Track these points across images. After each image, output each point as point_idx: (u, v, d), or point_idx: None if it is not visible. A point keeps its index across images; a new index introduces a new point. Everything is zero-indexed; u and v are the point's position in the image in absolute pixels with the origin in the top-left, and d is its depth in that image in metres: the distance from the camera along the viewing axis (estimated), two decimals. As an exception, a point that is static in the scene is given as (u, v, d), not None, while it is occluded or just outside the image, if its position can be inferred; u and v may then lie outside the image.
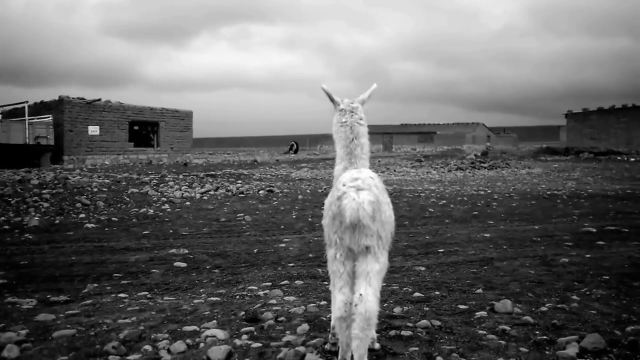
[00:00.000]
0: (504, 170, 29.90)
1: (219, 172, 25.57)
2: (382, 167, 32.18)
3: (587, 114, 53.20)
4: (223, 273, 6.99)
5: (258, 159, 41.99)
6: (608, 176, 25.26)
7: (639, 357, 3.88)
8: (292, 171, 28.59)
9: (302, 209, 13.47)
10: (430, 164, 34.26)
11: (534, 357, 3.94)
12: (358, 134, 4.08)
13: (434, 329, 4.55)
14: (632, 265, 6.93)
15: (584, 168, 31.45)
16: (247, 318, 4.85)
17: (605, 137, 50.75)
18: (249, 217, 11.97)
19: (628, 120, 48.88)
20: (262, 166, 33.37)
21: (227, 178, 22.66)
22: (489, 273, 6.70)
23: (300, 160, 41.26)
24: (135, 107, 40.23)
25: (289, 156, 50.51)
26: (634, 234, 9.37)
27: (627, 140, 48.49)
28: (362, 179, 3.54)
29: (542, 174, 26.71)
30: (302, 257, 7.92)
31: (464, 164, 32.41)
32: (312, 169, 30.27)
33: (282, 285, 6.23)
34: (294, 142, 65.25)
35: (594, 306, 5.17)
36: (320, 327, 4.61)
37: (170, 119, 42.69)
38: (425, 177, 25.11)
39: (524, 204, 14.47)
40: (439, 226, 10.72)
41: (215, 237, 9.71)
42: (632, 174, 26.46)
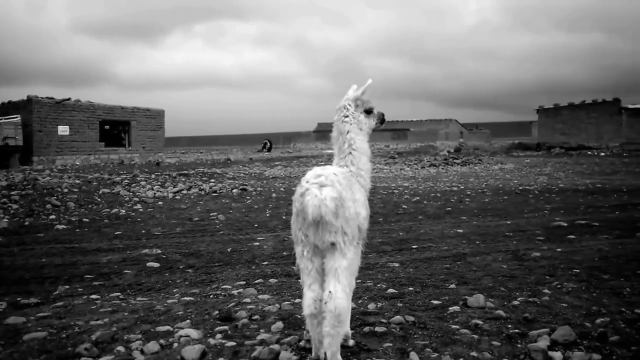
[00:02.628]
0: (477, 166, 30.21)
1: (192, 171, 25.37)
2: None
3: (558, 110, 54.06)
4: (196, 272, 6.94)
5: (231, 158, 41.77)
6: (579, 171, 25.69)
7: (608, 348, 3.95)
8: (266, 169, 28.50)
9: (276, 207, 13.44)
10: (404, 160, 34.46)
11: (506, 350, 3.98)
12: (343, 131, 4.14)
13: (408, 325, 4.56)
14: (602, 259, 7.05)
15: (555, 163, 31.94)
16: (221, 317, 4.82)
17: (576, 132, 51.63)
18: (223, 216, 11.90)
19: (598, 115, 49.79)
20: (235, 165, 33.21)
21: (200, 177, 22.50)
22: (462, 268, 6.76)
23: (273, 158, 41.17)
24: (105, 107, 39.69)
25: (263, 154, 50.36)
26: (604, 228, 9.53)
27: (598, 135, 49.40)
28: (326, 176, 3.55)
29: (514, 170, 27.05)
30: (276, 255, 7.90)
31: (437, 161, 32.67)
32: (286, 167, 30.22)
33: (256, 283, 6.20)
34: (267, 140, 65.03)
35: (564, 299, 5.24)
36: (295, 325, 4.60)
37: (141, 118, 42.22)
38: (399, 174, 25.25)
39: (496, 199, 14.63)
40: (412, 222, 10.78)
41: (189, 236, 9.63)
42: (602, 169, 26.95)
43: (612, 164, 30.89)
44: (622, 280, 5.92)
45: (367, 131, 4.25)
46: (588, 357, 3.81)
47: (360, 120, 4.20)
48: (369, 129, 4.27)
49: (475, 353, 3.91)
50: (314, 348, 3.72)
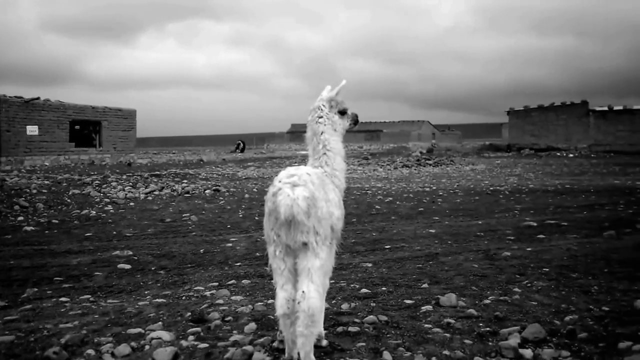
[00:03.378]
0: (449, 167, 30.50)
1: (164, 172, 25.13)
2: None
3: (528, 111, 54.87)
4: (169, 274, 6.87)
5: (204, 158, 41.49)
6: (548, 172, 26.11)
7: (577, 345, 4.02)
8: (239, 170, 28.38)
9: (249, 207, 13.39)
10: (377, 161, 34.62)
11: (478, 348, 4.02)
12: (317, 132, 4.16)
13: (381, 324, 4.59)
14: (570, 258, 7.18)
15: (525, 164, 32.42)
16: (193, 319, 4.78)
17: (545, 133, 52.47)
18: (195, 217, 11.81)
19: (567, 117, 50.65)
20: (208, 165, 32.99)
21: (173, 178, 22.30)
22: (434, 268, 6.82)
23: (246, 159, 41.02)
24: (76, 106, 39.06)
25: (236, 155, 50.13)
26: (572, 228, 9.70)
27: (566, 137, 50.26)
28: (299, 175, 3.57)
29: (485, 170, 27.38)
30: (249, 256, 7.87)
31: (409, 162, 32.90)
32: (259, 168, 30.14)
33: (229, 284, 6.17)
34: (240, 141, 64.76)
35: (534, 298, 5.32)
36: (268, 326, 4.58)
37: (113, 118, 41.68)
38: (372, 175, 25.36)
39: (468, 199, 14.79)
40: (385, 223, 10.84)
41: (161, 237, 9.53)
42: (570, 170, 27.43)
43: (580, 165, 31.48)
44: (590, 279, 6.03)
45: (341, 132, 4.27)
46: (557, 354, 3.88)
47: (335, 121, 4.21)
48: (343, 129, 4.28)
49: (447, 351, 3.95)
50: (287, 348, 3.71)
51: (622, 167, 28.95)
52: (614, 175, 23.68)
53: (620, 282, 5.83)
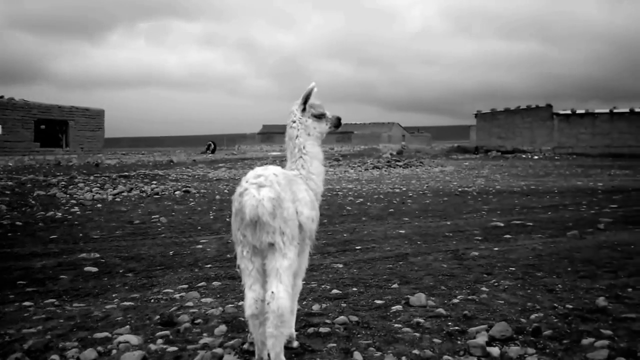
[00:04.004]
0: (418, 168, 30.79)
1: (133, 173, 24.82)
2: (300, 166, 32.30)
3: (495, 114, 55.73)
4: (137, 277, 6.79)
5: (174, 159, 41.08)
6: (514, 173, 26.54)
7: (542, 343, 4.11)
8: (210, 171, 28.19)
9: (220, 209, 13.32)
10: (348, 163, 34.76)
11: (447, 347, 4.08)
12: (292, 136, 4.22)
13: (352, 325, 4.62)
14: (536, 257, 7.32)
15: (492, 166, 32.91)
16: (162, 322, 4.73)
17: (511, 136, 53.34)
18: (165, 218, 11.69)
19: (532, 120, 51.61)
20: (178, 166, 32.69)
21: (142, 179, 22.04)
22: (404, 268, 6.88)
23: (217, 160, 40.76)
24: (42, 105, 38.37)
25: (206, 156, 49.74)
26: (537, 228, 9.89)
27: (531, 139, 51.18)
28: (265, 176, 3.58)
29: (454, 172, 27.71)
30: (219, 257, 7.82)
31: (380, 163, 33.10)
32: (230, 169, 29.97)
33: (199, 287, 6.13)
34: (211, 142, 64.27)
35: (501, 296, 5.42)
36: (239, 328, 4.57)
37: (80, 118, 41.04)
38: (343, 176, 25.46)
39: (437, 200, 14.95)
40: (356, 224, 10.89)
41: (129, 239, 9.41)
42: (535, 171, 27.94)
43: (545, 166, 32.11)
44: (555, 277, 6.17)
45: (317, 135, 4.28)
46: (523, 351, 3.95)
47: (308, 125, 4.22)
48: (319, 133, 4.30)
49: (417, 351, 3.99)
50: (257, 350, 3.71)
51: (584, 168, 29.63)
52: (577, 176, 24.21)
53: (583, 281, 5.98)
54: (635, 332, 4.29)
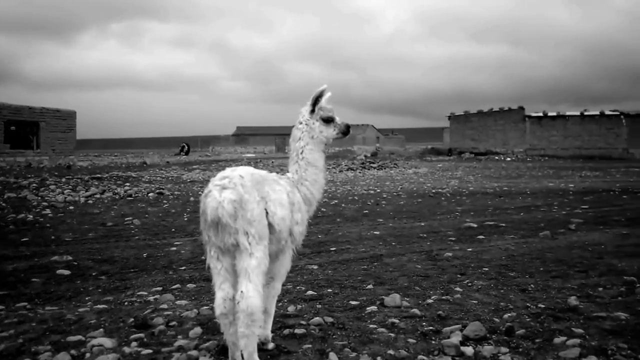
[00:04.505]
0: (393, 170, 30.94)
1: (106, 175, 24.50)
2: (275, 168, 32.25)
3: (468, 116, 56.34)
4: (110, 279, 6.71)
5: (147, 161, 40.64)
6: (487, 175, 26.85)
7: (515, 342, 4.17)
8: (184, 173, 27.96)
9: (194, 211, 13.21)
10: (322, 164, 34.71)
11: (421, 347, 4.12)
12: (294, 138, 4.25)
13: (327, 326, 4.63)
14: (508, 257, 7.43)
15: (465, 167, 33.23)
16: (136, 324, 4.70)
17: (484, 138, 53.98)
18: (138, 220, 11.57)
19: (504, 122, 52.28)
20: (151, 168, 32.36)
21: (115, 181, 21.77)
22: (378, 269, 6.92)
23: (191, 162, 40.44)
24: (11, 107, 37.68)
25: (180, 158, 49.31)
26: (510, 228, 10.03)
27: (504, 141, 51.84)
28: (230, 178, 3.60)
29: (428, 174, 27.92)
30: (194, 259, 7.77)
31: (354, 165, 33.19)
32: (204, 171, 29.76)
33: (174, 289, 6.09)
34: (185, 143, 63.73)
35: (475, 296, 5.49)
36: (214, 330, 4.55)
37: (51, 119, 40.40)
38: (318, 178, 25.43)
39: (411, 202, 15.05)
40: (331, 225, 10.91)
41: (102, 242, 9.30)
42: (508, 173, 28.30)
43: (517, 168, 32.55)
44: (527, 277, 6.26)
45: (321, 140, 4.23)
46: (497, 350, 4.01)
47: (314, 128, 4.19)
48: (325, 138, 4.23)
49: (392, 351, 4.02)
50: (230, 350, 3.70)
51: (555, 170, 30.10)
52: (548, 178, 24.59)
53: (555, 280, 6.08)
54: (606, 330, 4.38)
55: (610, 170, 29.27)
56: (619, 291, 5.58)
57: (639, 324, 4.49)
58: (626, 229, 9.63)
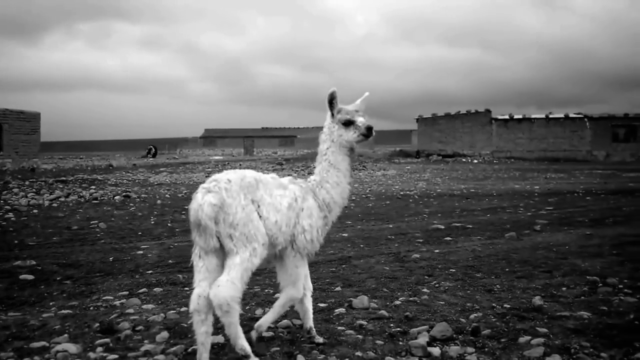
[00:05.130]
0: (361, 172, 31.07)
1: (71, 178, 24.10)
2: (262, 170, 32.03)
3: (436, 119, 56.96)
4: (75, 284, 6.60)
5: (114, 164, 40.06)
6: (454, 177, 27.17)
7: (481, 342, 4.24)
8: (151, 176, 27.65)
9: (162, 214, 13.09)
10: (292, 167, 34.75)
11: (389, 348, 4.15)
12: (320, 141, 4.33)
13: (295, 328, 4.64)
14: (475, 258, 7.53)
15: (433, 169, 33.58)
16: (102, 329, 4.63)
17: (452, 140, 54.63)
18: (104, 224, 11.40)
19: (472, 124, 52.98)
20: (118, 171, 31.91)
21: (80, 184, 21.42)
22: (347, 271, 6.94)
23: (158, 164, 40.00)
24: (-28, 108, 36.74)
25: (147, 160, 48.76)
26: (477, 230, 10.17)
27: (471, 144, 52.52)
28: (218, 181, 3.70)
29: (396, 176, 28.13)
30: (161, 263, 7.69)
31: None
32: (172, 174, 29.49)
33: (140, 293, 6.01)
34: (152, 146, 63.05)
35: (442, 297, 5.55)
36: (181, 334, 4.52)
37: (14, 121, 39.52)
38: (287, 180, 25.38)
39: (379, 204, 15.15)
40: (300, 228, 10.88)
41: (67, 246, 9.13)
42: (475, 175, 28.69)
43: (484, 170, 33.01)
44: (493, 278, 6.36)
45: (341, 143, 4.20)
46: (463, 350, 4.07)
47: (334, 131, 4.20)
48: (345, 141, 4.19)
49: (360, 353, 4.05)
50: (198, 352, 3.69)
51: (521, 172, 30.62)
52: (514, 180, 25.00)
53: (520, 281, 6.19)
54: (569, 329, 4.48)
55: (574, 172, 29.91)
56: (582, 291, 5.71)
57: (601, 323, 4.60)
58: (589, 230, 9.85)
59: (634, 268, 6.66)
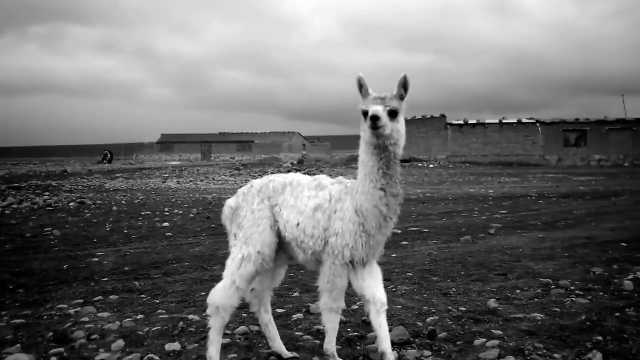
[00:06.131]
0: (320, 177, 31.10)
1: (24, 184, 23.48)
2: (201, 176, 31.82)
3: (393, 124, 57.46)
4: (29, 293, 6.44)
5: (69, 170, 39.16)
6: (411, 181, 27.47)
7: (438, 345, 4.31)
8: (106, 182, 27.16)
9: (118, 220, 12.87)
10: (249, 172, 34.63)
11: (347, 353, 4.19)
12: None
13: (253, 335, 4.64)
14: (432, 262, 7.64)
15: (391, 174, 33.79)
16: (56, 339, 4.54)
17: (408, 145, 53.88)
18: (58, 231, 11.14)
19: (427, 129, 53.66)
20: (73, 177, 31.23)
21: (34, 190, 20.90)
22: (305, 277, 6.95)
23: (115, 170, 39.30)
24: None
25: (103, 166, 47.87)
26: (433, 234, 10.31)
27: (427, 148, 53.20)
28: (250, 186, 4.08)
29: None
30: (117, 271, 7.57)
31: (281, 172, 33.14)
32: (128, 180, 29.02)
33: (96, 301, 5.91)
34: (107, 151, 61.95)
35: (399, 301, 5.61)
36: (137, 342, 4.46)
37: (-38, 126, 38.20)
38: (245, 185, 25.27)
39: (338, 209, 15.17)
40: (258, 233, 10.86)
41: (20, 254, 8.90)
42: (431, 179, 29.09)
43: (440, 175, 33.50)
44: (450, 282, 6.46)
45: (365, 139, 3.50)
46: (420, 354, 4.13)
47: (361, 127, 3.55)
48: (367, 136, 3.46)
49: (317, 358, 4.07)
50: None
51: (476, 176, 31.18)
52: (470, 184, 25.43)
53: (475, 284, 6.31)
54: (523, 331, 4.59)
55: (527, 176, 30.59)
56: (536, 293, 5.85)
57: (554, 325, 4.73)
58: (542, 233, 10.10)
59: (585, 270, 6.86)
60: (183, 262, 8.04)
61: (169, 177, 30.36)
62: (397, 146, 3.53)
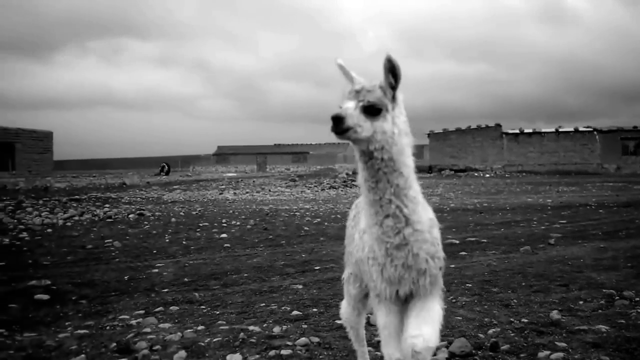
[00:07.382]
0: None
1: (84, 196, 24.26)
2: (257, 187, 32.18)
3: (447, 134, 56.95)
4: (91, 303, 6.61)
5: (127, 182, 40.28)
6: (467, 191, 27.05)
7: (500, 357, 4.19)
8: (164, 193, 27.78)
9: (176, 232, 13.12)
10: (304, 183, 34.77)
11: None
12: None
13: (313, 346, 4.61)
14: (491, 273, 7.47)
15: (446, 184, 33.47)
16: (119, 349, 4.62)
17: (463, 155, 54.53)
18: (118, 242, 11.44)
19: (482, 139, 52.93)
20: (131, 189, 32.09)
21: (94, 202, 21.55)
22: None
23: (172, 182, 40.20)
24: (-14, 128, 37.19)
25: (160, 178, 49.02)
26: (491, 244, 10.09)
27: (482, 158, 52.41)
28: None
29: (408, 191, 28.00)
30: (176, 282, 7.69)
31: (336, 183, 33.20)
32: (185, 191, 29.61)
33: (157, 312, 6.01)
34: (165, 163, 63.42)
35: (459, 313, 5.50)
36: (199, 353, 4.50)
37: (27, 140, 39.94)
38: (300, 197, 25.45)
39: (392, 219, 15.06)
40: (314, 244, 10.89)
41: (82, 265, 9.17)
42: (487, 189, 28.56)
43: (496, 184, 32.87)
44: (510, 292, 6.30)
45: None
46: (483, 367, 4.02)
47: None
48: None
49: (378, 370, 4.01)
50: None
51: (533, 186, 30.45)
52: (527, 193, 24.85)
53: (537, 295, 6.13)
54: (588, 343, 4.43)
55: (586, 185, 29.71)
56: (599, 304, 5.65)
57: (619, 337, 4.54)
58: (603, 243, 9.77)
59: (652, 281, 6.58)
60: (241, 273, 8.11)
61: (226, 189, 30.80)
62: (386, 151, 2.70)
